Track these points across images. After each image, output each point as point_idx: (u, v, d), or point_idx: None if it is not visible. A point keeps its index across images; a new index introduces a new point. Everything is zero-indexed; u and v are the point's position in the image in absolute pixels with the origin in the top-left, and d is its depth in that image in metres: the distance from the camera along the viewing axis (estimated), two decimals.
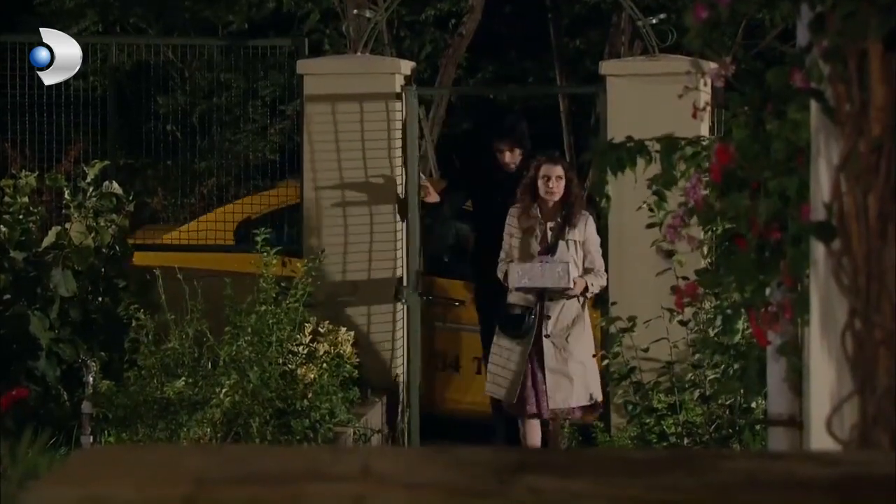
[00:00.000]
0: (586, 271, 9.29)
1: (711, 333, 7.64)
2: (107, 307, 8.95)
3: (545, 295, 9.20)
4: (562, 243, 9.30)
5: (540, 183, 9.31)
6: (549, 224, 9.34)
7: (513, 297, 9.32)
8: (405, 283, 9.90)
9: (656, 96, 8.81)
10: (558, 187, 9.29)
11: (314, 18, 15.54)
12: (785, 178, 3.76)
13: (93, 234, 8.97)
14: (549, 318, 9.20)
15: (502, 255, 9.46)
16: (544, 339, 9.17)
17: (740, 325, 4.87)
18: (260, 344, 8.40)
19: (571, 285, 9.13)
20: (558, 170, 9.33)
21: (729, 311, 4.60)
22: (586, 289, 9.25)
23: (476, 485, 2.31)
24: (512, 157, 9.95)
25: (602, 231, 9.41)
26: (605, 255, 9.47)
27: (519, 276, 9.23)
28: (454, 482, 2.33)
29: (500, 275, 9.41)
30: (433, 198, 10.13)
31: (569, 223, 9.32)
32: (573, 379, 9.10)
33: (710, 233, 4.45)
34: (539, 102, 17.48)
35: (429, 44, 16.25)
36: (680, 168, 4.60)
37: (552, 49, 17.41)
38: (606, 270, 9.45)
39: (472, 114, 17.40)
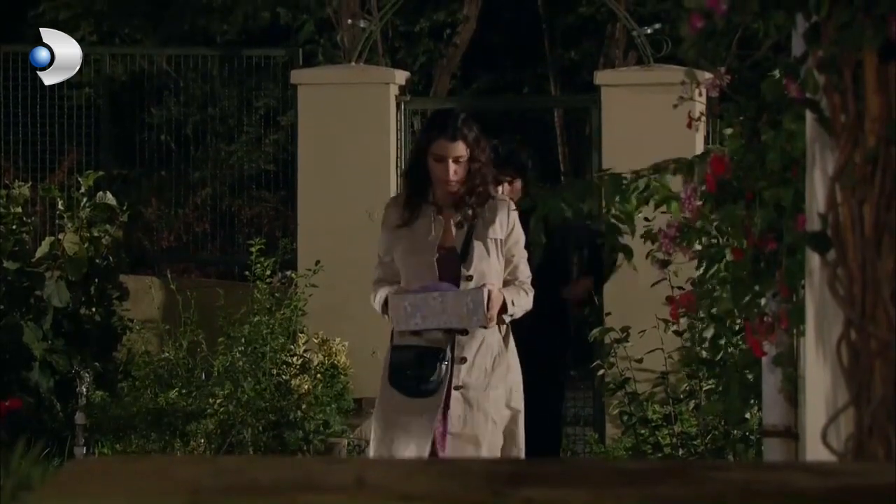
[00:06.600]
0: (505, 284, 6.13)
1: (698, 348, 7.61)
2: (100, 318, 8.94)
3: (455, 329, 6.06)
4: (477, 245, 6.07)
5: (432, 164, 6.09)
6: (454, 219, 6.13)
7: (404, 335, 6.13)
8: None
9: (651, 106, 8.81)
10: (459, 172, 6.06)
11: (308, 29, 15.54)
12: (780, 188, 3.76)
13: (86, 245, 8.97)
14: (464, 360, 6.05)
15: (376, 273, 6.30)
16: (453, 391, 6.04)
17: (723, 342, 4.88)
18: (253, 354, 8.39)
19: (488, 324, 5.97)
20: (459, 148, 6.04)
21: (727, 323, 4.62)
22: (505, 309, 6.05)
23: (471, 496, 2.31)
24: (511, 191, 7.80)
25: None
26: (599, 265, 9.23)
27: (407, 313, 6.02)
28: (449, 493, 2.32)
29: (376, 304, 6.27)
30: None
31: (482, 215, 6.11)
32: (480, 444, 6.02)
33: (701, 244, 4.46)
34: (534, 112, 17.48)
35: (423, 54, 16.25)
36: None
37: (547, 59, 17.43)
38: (597, 281, 8.63)
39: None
